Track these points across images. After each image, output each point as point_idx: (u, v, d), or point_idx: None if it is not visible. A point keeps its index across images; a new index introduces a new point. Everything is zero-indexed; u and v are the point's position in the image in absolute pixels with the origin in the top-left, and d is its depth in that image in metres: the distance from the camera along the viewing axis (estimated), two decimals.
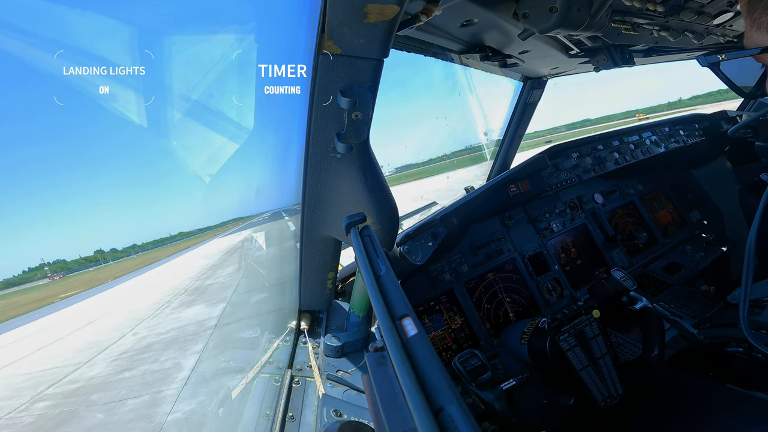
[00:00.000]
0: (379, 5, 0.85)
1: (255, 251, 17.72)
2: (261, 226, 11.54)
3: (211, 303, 10.62)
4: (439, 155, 21.09)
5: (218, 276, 14.70)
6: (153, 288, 17.96)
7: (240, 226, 25.82)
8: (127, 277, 27.10)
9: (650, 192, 3.10)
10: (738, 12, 1.57)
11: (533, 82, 2.50)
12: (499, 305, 2.30)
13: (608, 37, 1.61)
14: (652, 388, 1.73)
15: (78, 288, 28.76)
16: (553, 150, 2.51)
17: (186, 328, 9.13)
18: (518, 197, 2.35)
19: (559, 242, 2.61)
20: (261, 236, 15.95)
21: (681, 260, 2.76)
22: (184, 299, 12.19)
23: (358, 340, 1.62)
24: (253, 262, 13.94)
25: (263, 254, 15.11)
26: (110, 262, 53.28)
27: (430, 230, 1.93)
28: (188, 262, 25.87)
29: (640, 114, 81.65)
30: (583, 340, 1.56)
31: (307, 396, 1.38)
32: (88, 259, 56.04)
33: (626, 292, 1.77)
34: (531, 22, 1.17)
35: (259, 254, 16.54)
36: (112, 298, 19.35)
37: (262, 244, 8.36)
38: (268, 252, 7.06)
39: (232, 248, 23.63)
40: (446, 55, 1.73)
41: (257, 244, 17.61)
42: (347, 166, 1.22)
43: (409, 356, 0.57)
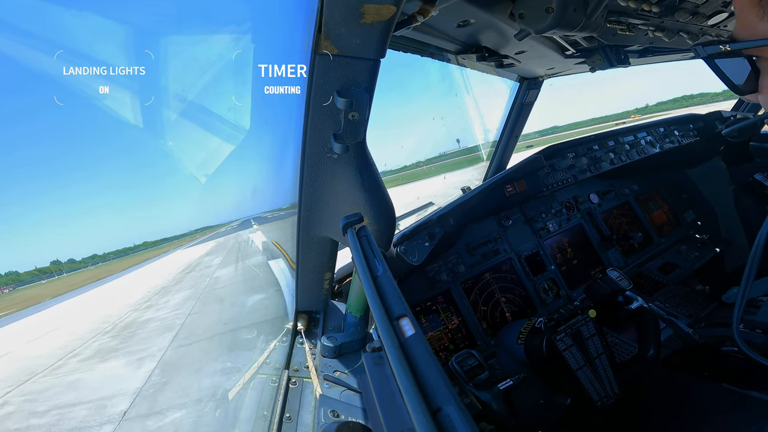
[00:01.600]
0: (376, 5, 0.85)
1: (215, 269, 13.50)
2: (228, 236, 10.97)
3: (134, 359, 7.47)
4: (414, 161, 20.35)
5: (162, 306, 12.01)
6: (74, 321, 14.45)
7: (208, 235, 24.19)
8: (61, 298, 23.57)
9: (645, 192, 3.12)
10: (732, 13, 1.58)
11: (529, 83, 2.51)
12: (495, 305, 2.30)
13: (604, 37, 1.61)
14: (648, 388, 1.74)
15: (10, 308, 25.52)
16: (550, 150, 2.52)
17: (74, 411, 5.48)
18: (515, 197, 2.36)
19: (556, 242, 2.62)
20: (224, 249, 15.08)
21: (676, 260, 2.78)
22: (103, 345, 9.16)
23: (356, 341, 1.61)
24: (211, 286, 12.67)
25: (225, 275, 11.93)
26: (64, 274, 51.80)
27: (427, 230, 1.93)
28: (139, 280, 22.95)
29: (622, 120, 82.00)
30: (580, 340, 1.57)
31: (304, 397, 1.37)
32: (43, 270, 54.65)
33: (622, 292, 1.78)
34: (527, 22, 1.18)
35: (219, 274, 13.32)
36: (20, 330, 15.44)
37: (226, 259, 8.07)
38: (231, 270, 6.74)
39: (190, 264, 21.23)
40: (443, 55, 1.74)
41: (219, 260, 16.28)
42: (344, 167, 1.22)
43: (407, 356, 0.57)
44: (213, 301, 10.95)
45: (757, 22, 0.67)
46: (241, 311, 7.82)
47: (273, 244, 12.73)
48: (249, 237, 24.53)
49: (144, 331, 9.62)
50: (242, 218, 14.14)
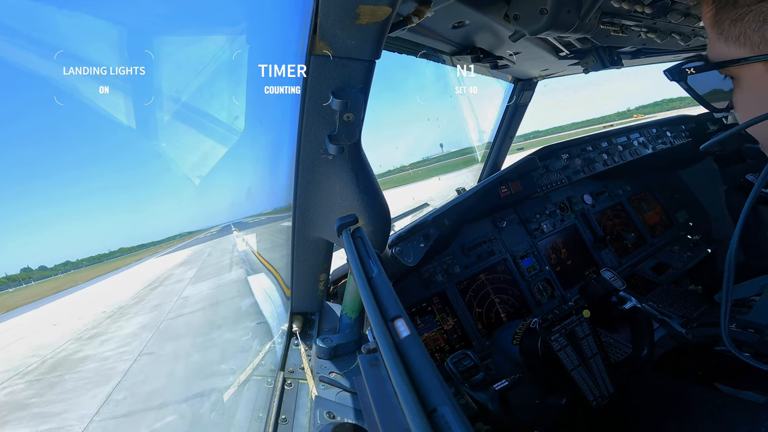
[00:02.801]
0: (371, 7, 0.85)
1: (186, 285, 11.98)
2: (207, 243, 9.62)
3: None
4: (399, 165, 19.79)
5: (111, 336, 9.70)
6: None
7: (186, 242, 22.30)
8: (4, 317, 20.71)
9: (638, 193, 3.14)
10: None
11: (524, 84, 2.52)
12: (490, 306, 2.31)
13: (597, 38, 1.63)
14: (642, 388, 1.75)
15: None
16: (544, 151, 2.53)
17: None
18: (509, 198, 2.37)
19: (550, 243, 2.64)
20: (200, 259, 13.79)
21: (669, 260, 2.80)
22: (11, 395, 6.78)
23: (351, 342, 1.61)
24: (176, 310, 10.45)
25: (195, 295, 11.20)
26: (32, 282, 50.48)
27: (422, 231, 1.93)
28: (98, 294, 20.48)
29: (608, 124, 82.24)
30: (574, 340, 1.57)
31: (299, 398, 1.37)
32: (11, 278, 53.42)
33: (616, 292, 1.79)
34: (521, 23, 1.18)
35: (189, 294, 11.88)
36: None
37: (201, 272, 7.09)
38: (204, 288, 5.85)
39: (160, 277, 18.81)
40: (438, 56, 1.74)
41: (192, 272, 14.35)
42: (339, 168, 1.22)
43: (402, 357, 0.57)
44: (175, 335, 8.52)
45: (717, 42, 0.70)
46: (208, 358, 6.37)
47: (254, 254, 11.30)
48: (228, 245, 22.15)
49: (74, 378, 7.05)
50: (222, 224, 12.86)
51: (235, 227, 10.94)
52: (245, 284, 8.24)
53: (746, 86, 0.71)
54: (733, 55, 0.68)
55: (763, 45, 0.63)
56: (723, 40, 0.69)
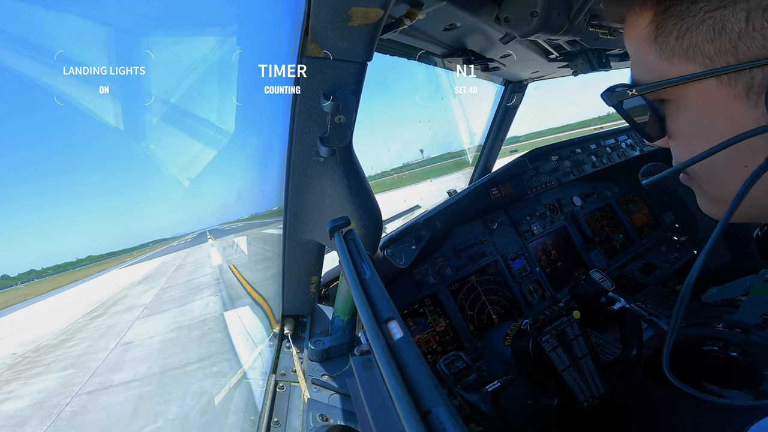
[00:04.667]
0: (364, 8, 0.85)
1: (137, 316, 8.72)
2: (177, 253, 7.13)
3: None
4: (380, 171, 19.24)
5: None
6: None
7: (158, 250, 18.17)
8: None
9: (626, 194, 3.18)
10: None
11: (514, 86, 2.55)
12: (482, 307, 2.32)
13: (586, 41, 1.65)
14: (632, 387, 1.77)
15: None
16: (534, 153, 2.56)
17: None
18: (500, 200, 2.38)
19: (540, 244, 2.66)
20: (164, 275, 9.68)
21: (656, 261, 2.84)
22: None
23: (343, 344, 1.61)
24: (110, 366, 6.55)
25: (144, 336, 7.75)
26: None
27: (414, 233, 1.93)
28: (29, 319, 16.68)
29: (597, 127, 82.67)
30: (565, 341, 1.58)
31: (292, 401, 1.36)
32: None
33: (605, 293, 1.81)
34: (512, 26, 1.19)
35: (135, 335, 8.45)
36: None
37: (160, 297, 4.90)
38: (159, 326, 4.31)
39: (110, 299, 15.21)
40: (429, 58, 1.75)
41: (149, 296, 9.22)
42: (330, 170, 1.22)
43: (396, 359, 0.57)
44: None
45: (656, 61, 0.61)
46: None
47: (232, 270, 8.94)
48: (200, 256, 19.13)
49: None
50: (197, 231, 8.70)
51: (210, 234, 9.45)
52: (219, 322, 5.98)
53: (690, 109, 0.61)
54: (676, 73, 0.58)
55: (717, 57, 0.54)
56: (664, 57, 0.59)
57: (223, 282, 9.78)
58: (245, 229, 4.10)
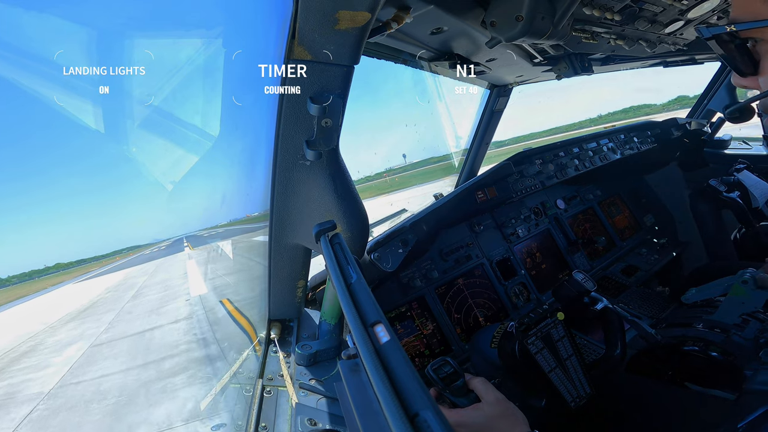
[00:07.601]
0: (351, 12, 0.85)
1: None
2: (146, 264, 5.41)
3: None
4: (363, 176, 18.10)
5: None
6: None
7: (129, 258, 14.22)
8: None
9: (608, 197, 3.24)
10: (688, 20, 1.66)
11: (499, 90, 2.58)
12: (469, 310, 2.33)
13: (569, 45, 1.68)
14: (617, 387, 1.80)
15: None
16: (519, 157, 2.59)
17: None
18: (485, 204, 2.40)
19: (525, 247, 2.69)
20: (120, 301, 6.41)
21: (637, 263, 2.90)
22: None
23: (331, 348, 1.59)
24: None
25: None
26: None
27: (400, 237, 1.93)
28: None
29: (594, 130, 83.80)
30: (550, 343, 1.60)
31: (279, 406, 1.35)
32: None
33: (587, 293, 1.84)
34: (498, 30, 1.21)
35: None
36: None
37: (92, 356, 3.56)
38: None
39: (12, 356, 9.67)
40: (416, 62, 1.76)
41: (78, 349, 6.83)
42: (316, 174, 1.21)
43: (383, 363, 0.57)
44: None
45: (760, 4, 0.67)
46: None
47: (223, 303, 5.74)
48: (170, 277, 14.74)
49: None
50: (173, 237, 5.92)
51: (187, 242, 7.77)
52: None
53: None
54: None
55: None
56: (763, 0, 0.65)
57: (206, 333, 6.31)
58: (227, 236, 3.55)
